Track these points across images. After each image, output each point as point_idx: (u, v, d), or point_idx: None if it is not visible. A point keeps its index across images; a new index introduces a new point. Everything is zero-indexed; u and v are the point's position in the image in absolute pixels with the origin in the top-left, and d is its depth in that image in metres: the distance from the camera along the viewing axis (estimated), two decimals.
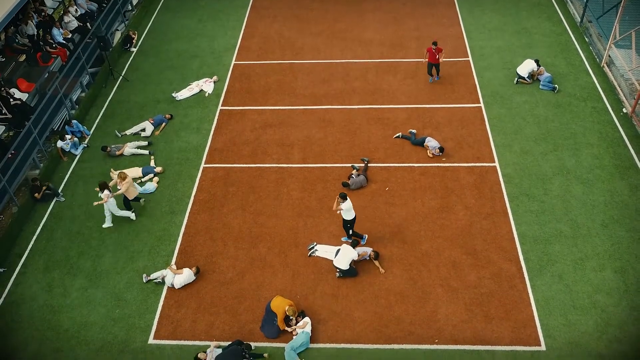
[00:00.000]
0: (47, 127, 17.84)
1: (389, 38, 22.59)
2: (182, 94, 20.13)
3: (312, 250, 14.31)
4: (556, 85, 19.23)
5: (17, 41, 19.99)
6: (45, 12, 21.40)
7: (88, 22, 22.61)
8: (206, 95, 20.11)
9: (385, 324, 12.66)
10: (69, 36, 21.55)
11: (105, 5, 23.36)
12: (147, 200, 15.93)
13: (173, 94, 20.11)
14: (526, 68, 19.45)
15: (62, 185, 16.83)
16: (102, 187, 14.89)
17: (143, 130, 18.50)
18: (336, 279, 13.64)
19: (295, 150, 17.46)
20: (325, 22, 23.86)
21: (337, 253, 13.58)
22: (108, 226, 15.33)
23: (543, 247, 14.13)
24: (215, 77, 20.83)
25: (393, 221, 15.04)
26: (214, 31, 23.73)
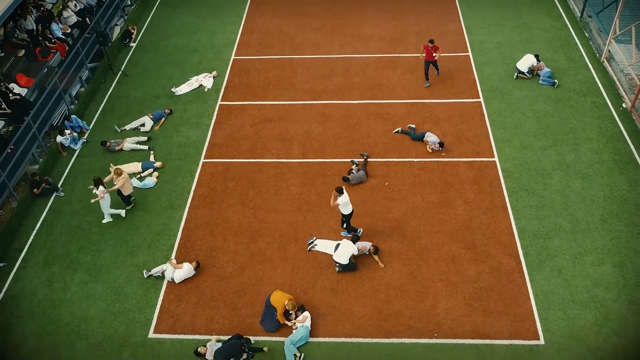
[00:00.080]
0: (47, 122, 17.84)
1: (389, 33, 22.56)
2: (182, 89, 20.12)
3: (312, 244, 14.33)
4: (556, 80, 19.22)
5: (16, 36, 19.94)
6: (44, 7, 21.36)
7: (87, 17, 22.57)
8: (205, 90, 20.09)
9: (384, 318, 12.70)
10: (68, 31, 21.51)
11: (104, 0, 23.31)
12: (136, 201, 15.90)
13: (172, 89, 20.09)
14: (526, 63, 19.43)
15: (62, 180, 16.84)
16: (97, 183, 14.86)
17: (142, 125, 18.49)
18: (336, 274, 13.67)
19: (294, 145, 17.47)
20: (324, 17, 23.82)
21: (337, 248, 13.61)
22: (107, 221, 15.34)
23: (542, 242, 14.15)
24: (214, 72, 20.81)
25: (392, 216, 15.06)
26: (214, 26, 23.69)
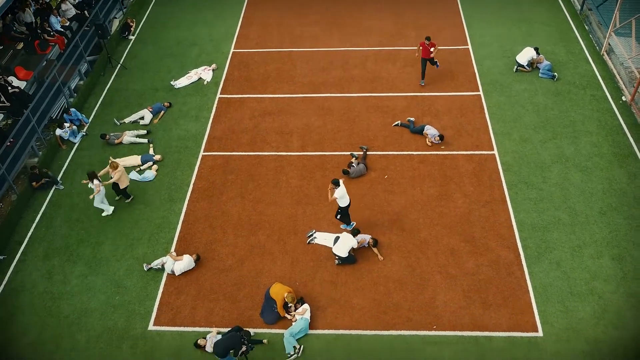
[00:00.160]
0: (46, 115, 17.83)
1: (389, 26, 22.50)
2: (181, 82, 20.08)
3: (311, 237, 14.35)
4: (556, 73, 19.20)
5: (15, 29, 19.89)
6: (42, 0, 21.30)
7: (86, 10, 22.52)
8: (205, 83, 20.06)
9: (383, 311, 12.74)
10: (67, 24, 21.45)
11: None
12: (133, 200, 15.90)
13: (172, 82, 20.06)
14: (526, 56, 19.40)
15: (61, 173, 16.84)
16: (91, 177, 14.81)
17: (142, 118, 18.47)
18: (335, 266, 13.70)
19: (294, 138, 17.46)
20: (324, 10, 23.75)
21: (336, 240, 13.63)
22: (107, 214, 15.35)
23: (541, 235, 14.18)
24: (214, 65, 20.77)
25: (392, 209, 15.08)
26: (213, 19, 23.62)
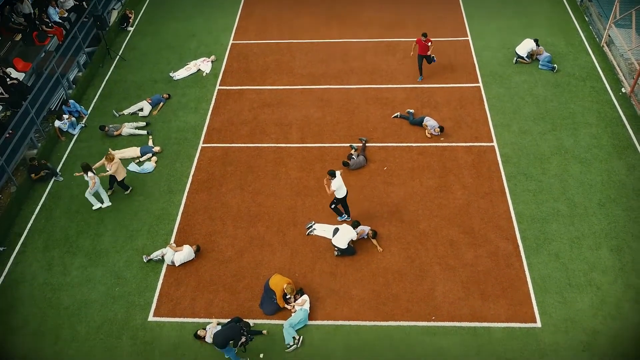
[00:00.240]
0: (45, 107, 17.80)
1: (388, 17, 22.42)
2: (180, 74, 20.04)
3: (311, 229, 14.38)
4: (555, 64, 19.17)
5: (13, 20, 19.82)
6: None
7: (84, 1, 22.41)
8: (204, 74, 20.02)
9: (383, 302, 12.78)
10: (65, 15, 21.37)
11: None
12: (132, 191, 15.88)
13: (170, 74, 20.01)
14: (525, 48, 19.35)
15: (61, 164, 16.83)
16: (86, 170, 14.78)
17: (141, 110, 18.44)
18: (334, 258, 13.73)
19: (293, 130, 17.45)
20: (323, 2, 23.64)
21: (335, 232, 13.65)
22: (107, 205, 15.36)
23: (540, 226, 14.21)
24: (213, 57, 20.71)
25: (391, 200, 15.10)
26: (212, 11, 23.51)
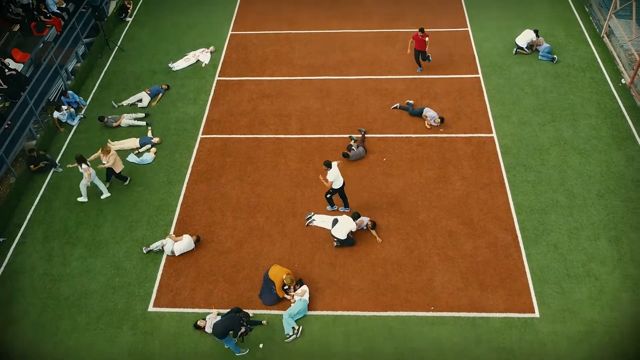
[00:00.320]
0: (43, 98, 17.76)
1: (388, 8, 22.33)
2: (179, 65, 19.98)
3: (310, 220, 14.40)
4: (555, 55, 19.13)
5: (11, 10, 19.73)
6: None
7: None
8: (203, 65, 19.96)
9: (382, 292, 12.83)
10: (63, 5, 21.29)
11: None
12: (131, 181, 15.85)
13: (169, 65, 19.96)
14: (525, 38, 19.30)
15: (60, 156, 16.81)
16: (80, 161, 14.72)
17: (140, 101, 18.41)
18: (334, 248, 13.76)
19: (292, 120, 17.43)
20: None
21: (335, 223, 13.68)
22: (106, 196, 15.36)
23: (539, 217, 14.24)
24: (212, 48, 20.65)
25: (390, 191, 15.11)
26: (211, 1, 23.40)
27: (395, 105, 17.61)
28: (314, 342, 12.01)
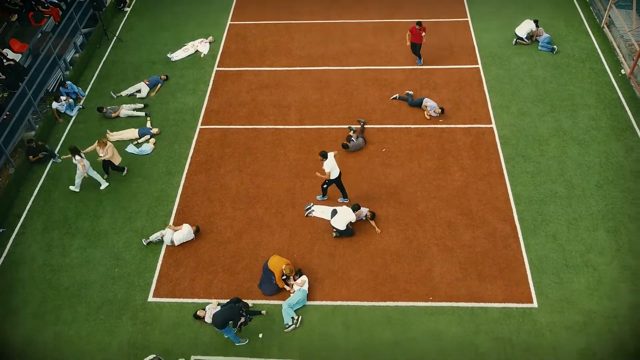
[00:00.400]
0: (42, 88, 17.72)
1: None
2: (177, 55, 19.92)
3: (309, 210, 14.41)
4: (555, 46, 19.07)
5: (9, 0, 19.62)
6: None
7: None
8: (201, 56, 19.90)
9: (381, 282, 12.87)
10: None
11: None
12: (128, 172, 15.83)
13: (168, 55, 19.89)
14: (525, 29, 19.23)
15: (59, 146, 16.79)
16: (74, 153, 14.66)
17: (138, 91, 18.36)
18: (333, 239, 13.79)
19: (291, 111, 17.40)
20: None
21: (334, 213, 13.70)
22: (105, 187, 15.35)
23: (538, 208, 14.26)
24: (210, 38, 20.57)
25: (389, 182, 15.12)
26: None
27: (394, 95, 17.58)
28: (313, 332, 12.07)
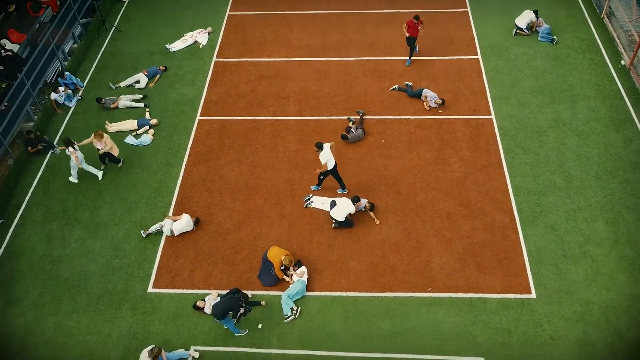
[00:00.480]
0: (40, 79, 17.66)
1: None
2: (176, 46, 19.84)
3: (308, 201, 14.43)
4: (555, 36, 19.01)
5: None
6: None
7: None
8: (200, 46, 19.83)
9: (380, 273, 12.92)
10: None
11: None
12: (123, 164, 15.81)
13: (167, 46, 19.82)
14: (525, 19, 19.17)
15: (57, 137, 16.76)
16: (67, 144, 14.61)
17: (137, 82, 18.31)
18: (332, 230, 13.82)
19: (291, 102, 17.37)
20: None
21: (333, 205, 13.71)
22: (101, 176, 15.27)
23: (536, 199, 14.28)
24: (209, 28, 20.49)
25: (388, 173, 15.13)
26: None
27: (393, 86, 17.54)
28: (313, 323, 12.12)
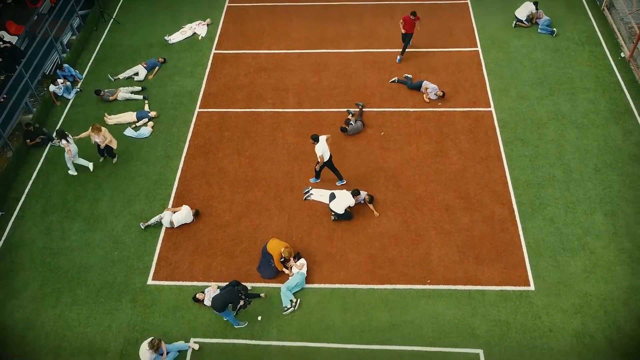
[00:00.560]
0: (39, 71, 17.61)
1: None
2: (175, 38, 19.78)
3: (308, 194, 14.44)
4: (555, 29, 18.96)
5: None
6: None
7: None
8: (199, 38, 19.76)
9: (379, 265, 12.95)
10: None
11: None
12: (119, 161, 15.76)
13: (166, 38, 19.76)
14: (525, 11, 19.11)
15: (56, 129, 16.70)
16: (61, 136, 14.59)
17: (136, 74, 18.26)
18: (331, 222, 13.84)
19: (290, 94, 17.34)
20: None
21: (332, 197, 13.72)
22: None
23: (535, 191, 14.30)
24: (208, 20, 20.41)
25: (388, 165, 15.13)
26: None
27: (393, 79, 17.51)
28: (312, 315, 12.16)
